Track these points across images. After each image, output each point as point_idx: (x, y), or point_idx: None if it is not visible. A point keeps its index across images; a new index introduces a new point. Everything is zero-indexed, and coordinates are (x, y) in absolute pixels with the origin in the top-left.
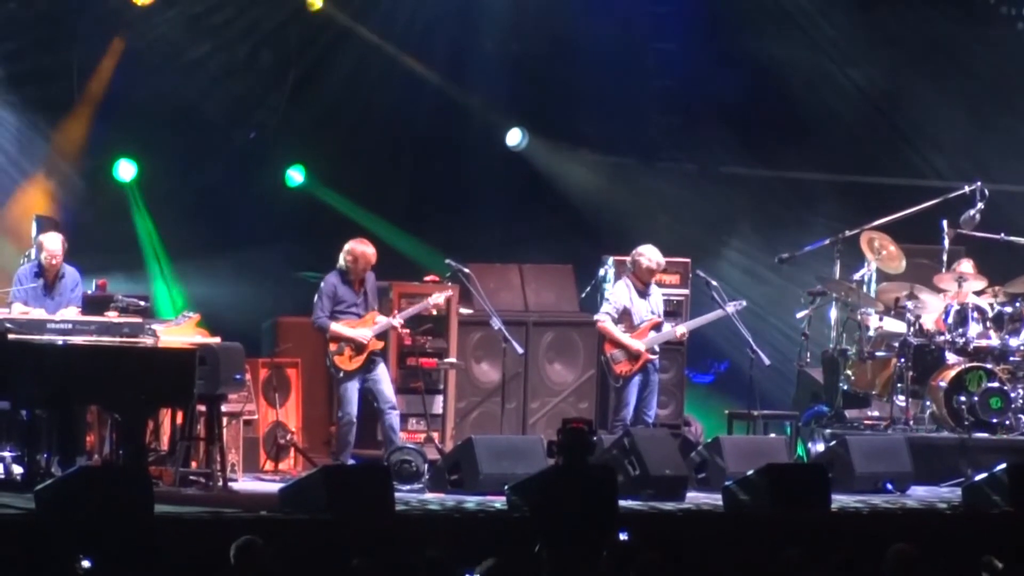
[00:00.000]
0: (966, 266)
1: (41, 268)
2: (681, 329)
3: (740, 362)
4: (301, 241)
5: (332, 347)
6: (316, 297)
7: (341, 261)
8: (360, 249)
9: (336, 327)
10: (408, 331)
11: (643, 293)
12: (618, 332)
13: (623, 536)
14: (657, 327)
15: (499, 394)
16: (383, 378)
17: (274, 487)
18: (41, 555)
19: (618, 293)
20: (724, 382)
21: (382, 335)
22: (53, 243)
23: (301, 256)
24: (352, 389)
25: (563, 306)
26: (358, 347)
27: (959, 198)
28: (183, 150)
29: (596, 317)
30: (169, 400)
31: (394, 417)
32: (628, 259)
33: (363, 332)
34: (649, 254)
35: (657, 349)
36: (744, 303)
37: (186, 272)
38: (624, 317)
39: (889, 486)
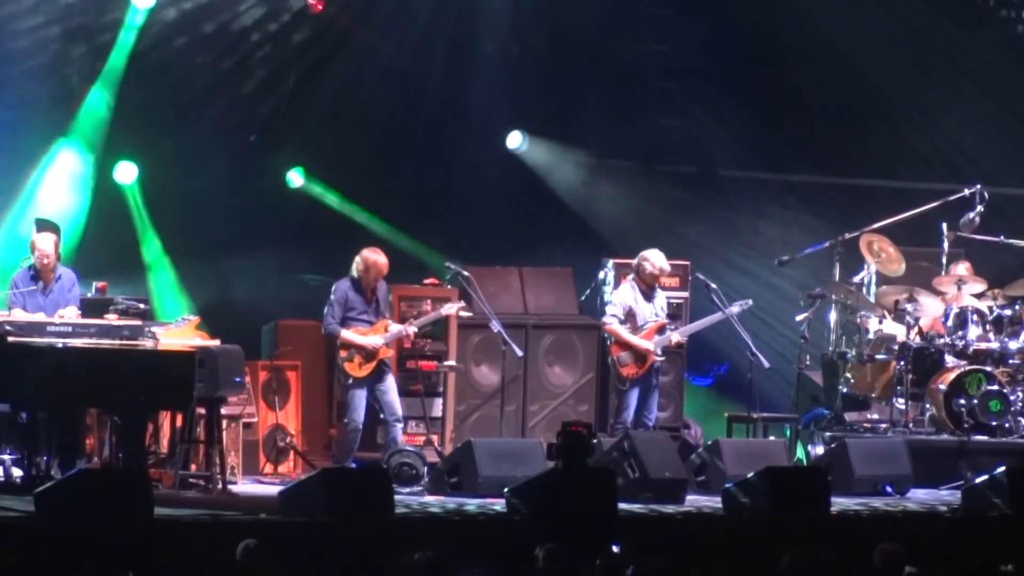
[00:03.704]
0: (964, 268)
1: (36, 270)
2: (676, 337)
3: (739, 365)
4: (301, 244)
5: (342, 353)
6: (327, 303)
7: (353, 269)
8: (373, 258)
9: (347, 334)
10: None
11: (648, 296)
12: (627, 333)
13: (615, 548)
14: (662, 329)
15: (498, 397)
16: (391, 389)
17: (274, 490)
18: (41, 558)
19: (623, 294)
20: (723, 385)
21: (392, 344)
22: (44, 243)
23: (301, 259)
24: (360, 396)
25: (563, 309)
26: (369, 355)
27: (959, 201)
28: (183, 152)
29: (603, 320)
30: (169, 403)
31: (398, 430)
32: (633, 262)
33: (374, 340)
34: (654, 259)
35: (661, 352)
36: (750, 302)
37: (186, 274)
38: (628, 319)
39: (889, 489)
